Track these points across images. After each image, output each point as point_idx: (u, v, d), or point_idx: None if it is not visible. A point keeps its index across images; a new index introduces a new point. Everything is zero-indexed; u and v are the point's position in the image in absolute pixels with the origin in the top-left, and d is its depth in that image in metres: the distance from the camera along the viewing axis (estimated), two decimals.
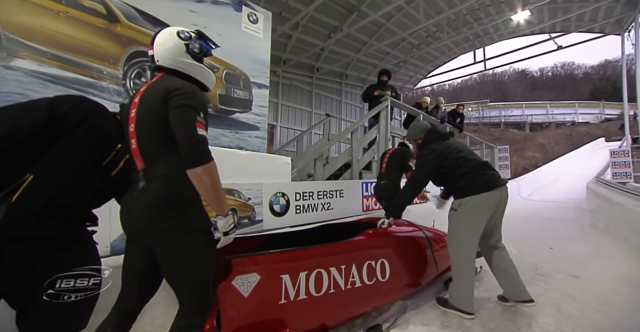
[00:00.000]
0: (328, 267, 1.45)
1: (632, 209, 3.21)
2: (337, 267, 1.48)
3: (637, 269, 2.44)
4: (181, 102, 0.92)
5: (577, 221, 4.59)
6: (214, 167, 0.92)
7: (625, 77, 8.81)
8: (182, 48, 1.03)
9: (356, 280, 1.54)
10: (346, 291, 1.48)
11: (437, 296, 1.95)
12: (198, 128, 0.91)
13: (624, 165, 7.76)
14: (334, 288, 1.44)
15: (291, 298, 1.30)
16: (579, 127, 21.64)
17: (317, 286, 1.38)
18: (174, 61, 1.03)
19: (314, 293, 1.37)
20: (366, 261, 1.62)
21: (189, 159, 0.89)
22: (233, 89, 2.80)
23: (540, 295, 1.99)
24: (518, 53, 9.47)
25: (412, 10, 7.31)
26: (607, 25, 8.36)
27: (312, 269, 1.39)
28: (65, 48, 1.96)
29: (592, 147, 15.23)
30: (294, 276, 1.33)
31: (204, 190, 0.92)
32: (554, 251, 3.07)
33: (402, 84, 11.82)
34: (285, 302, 1.28)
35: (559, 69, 41.09)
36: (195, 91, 0.98)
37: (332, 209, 3.14)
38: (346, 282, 1.49)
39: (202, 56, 1.09)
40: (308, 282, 1.36)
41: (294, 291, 1.31)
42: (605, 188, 5.13)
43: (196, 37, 1.08)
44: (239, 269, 1.18)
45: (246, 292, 1.18)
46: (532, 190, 8.02)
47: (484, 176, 1.76)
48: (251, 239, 1.79)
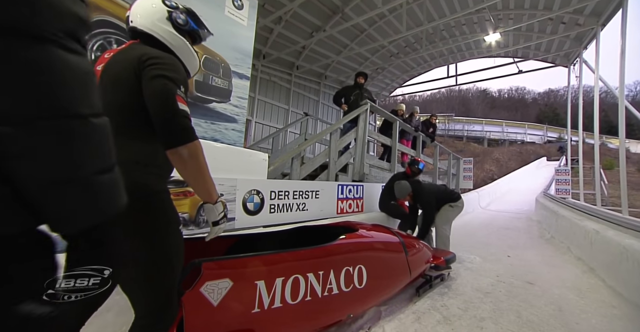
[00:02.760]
0: (305, 272, 1.35)
1: (576, 222, 3.55)
2: (315, 273, 1.39)
3: (580, 277, 2.69)
4: (159, 73, 0.77)
5: (528, 231, 5.00)
6: (200, 147, 0.80)
7: (569, 105, 9.92)
8: (163, 13, 0.87)
9: (333, 287, 1.46)
10: (323, 299, 1.40)
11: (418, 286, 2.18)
12: (179, 102, 0.77)
13: (564, 182, 8.71)
14: (310, 295, 1.34)
15: (265, 307, 1.19)
16: (527, 146, 24.06)
17: (293, 293, 1.28)
18: (152, 25, 0.86)
19: (290, 301, 1.27)
20: (344, 266, 1.54)
21: (170, 138, 0.76)
22: (212, 76, 2.58)
23: (502, 302, 2.10)
24: (485, 72, 10.22)
25: (394, 19, 7.52)
26: (558, 57, 9.36)
27: (289, 275, 1.28)
28: None
29: (537, 165, 16.98)
30: (269, 282, 1.21)
31: (189, 174, 0.80)
32: (511, 258, 3.29)
33: (379, 90, 12.13)
34: (258, 311, 1.16)
35: (514, 92, 45.59)
36: (176, 63, 0.83)
37: (307, 209, 3.05)
38: (323, 289, 1.41)
39: (186, 31, 0.93)
40: (284, 289, 1.25)
41: (269, 299, 1.20)
42: (551, 202, 5.68)
43: (184, 10, 0.93)
44: (209, 274, 1.04)
45: (216, 301, 1.05)
46: (490, 200, 8.66)
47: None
48: (222, 239, 1.61)
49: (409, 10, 6.99)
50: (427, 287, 2.22)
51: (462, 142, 25.78)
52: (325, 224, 2.21)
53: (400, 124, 5.35)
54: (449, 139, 25.17)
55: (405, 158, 5.98)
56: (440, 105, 37.01)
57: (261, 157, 2.78)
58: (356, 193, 3.80)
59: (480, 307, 2.00)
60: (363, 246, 1.78)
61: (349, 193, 3.69)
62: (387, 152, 5.57)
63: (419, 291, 2.13)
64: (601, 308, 2.05)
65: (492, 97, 44.19)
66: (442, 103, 38.88)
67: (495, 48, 8.92)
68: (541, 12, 6.85)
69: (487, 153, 21.75)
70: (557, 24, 7.43)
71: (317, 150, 8.05)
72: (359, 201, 3.82)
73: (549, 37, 7.85)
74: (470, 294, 2.24)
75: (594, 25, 6.83)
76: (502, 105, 41.43)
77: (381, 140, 5.30)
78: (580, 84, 8.74)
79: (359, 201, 3.83)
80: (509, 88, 46.07)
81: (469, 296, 2.19)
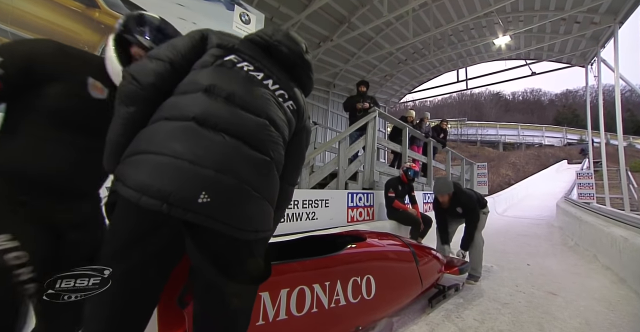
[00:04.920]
0: (311, 283, 1.32)
1: (602, 228, 3.36)
2: (321, 284, 1.35)
3: (609, 288, 2.52)
4: None
5: (549, 238, 4.77)
6: None
7: (588, 106, 9.54)
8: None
9: (340, 298, 1.41)
10: (329, 310, 1.36)
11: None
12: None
13: (588, 186, 8.30)
14: (317, 307, 1.31)
15: (270, 319, 1.16)
16: (545, 149, 23.17)
17: (299, 305, 1.25)
18: None
19: (295, 313, 1.23)
20: (352, 277, 1.50)
21: None
22: None
23: (522, 313, 2.00)
24: (496, 76, 10.03)
25: (400, 27, 7.56)
26: (574, 57, 9.08)
27: (294, 286, 1.25)
28: (31, 29, 1.75)
29: (557, 168, 16.31)
30: (274, 294, 1.18)
31: None
32: (531, 267, 3.13)
33: (388, 97, 12.11)
34: (263, 323, 1.13)
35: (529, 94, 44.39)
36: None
37: (316, 219, 3.03)
38: (330, 301, 1.37)
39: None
40: (289, 301, 1.22)
41: (274, 311, 1.17)
42: (574, 207, 5.41)
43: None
44: None
45: None
46: (506, 206, 8.35)
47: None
48: None
49: (416, 17, 7.02)
50: (441, 298, 2.14)
51: (476, 146, 25.15)
52: (333, 234, 2.17)
53: (410, 131, 5.30)
54: (462, 144, 24.63)
55: (417, 164, 5.89)
56: (452, 110, 36.48)
57: None
58: (367, 201, 3.75)
59: (498, 319, 1.90)
60: (371, 256, 1.74)
61: (359, 201, 3.65)
62: (398, 159, 5.50)
63: (432, 301, 2.06)
64: (633, 322, 1.91)
65: (505, 100, 43.20)
66: (454, 108, 38.32)
67: (505, 51, 8.78)
68: (553, 13, 6.71)
69: (502, 157, 21.10)
70: (571, 23, 7.25)
71: (327, 159, 8.06)
72: (369, 209, 3.77)
73: (563, 37, 7.65)
74: (487, 304, 2.14)
75: (611, 23, 6.62)
76: (516, 108, 40.41)
77: (391, 147, 5.25)
78: (600, 84, 8.39)
79: (370, 209, 3.78)
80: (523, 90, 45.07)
81: (485, 307, 2.09)
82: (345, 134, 4.11)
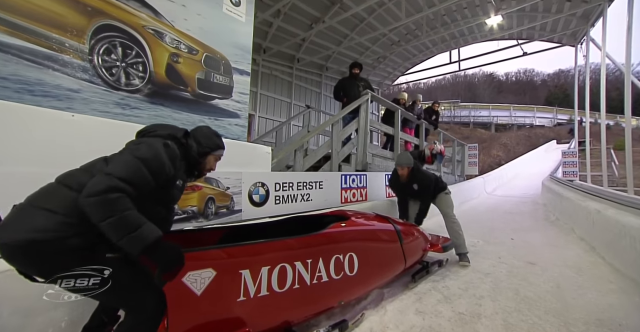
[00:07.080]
0: (293, 261, 1.37)
1: (579, 203, 3.57)
2: (303, 262, 1.40)
3: (581, 256, 2.75)
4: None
5: (533, 215, 5.02)
6: None
7: (576, 86, 9.65)
8: None
9: (323, 274, 1.47)
10: (312, 286, 1.42)
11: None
12: None
13: (572, 164, 8.60)
14: (298, 283, 1.37)
15: (251, 295, 1.21)
16: (536, 130, 23.54)
17: (280, 282, 1.30)
18: None
19: (277, 289, 1.29)
20: (334, 254, 1.55)
21: None
22: (213, 73, 2.65)
23: (502, 281, 2.19)
24: (489, 56, 9.99)
25: (393, 7, 7.39)
26: (564, 36, 9.06)
27: (275, 264, 1.31)
28: (15, 11, 1.71)
29: (546, 149, 16.67)
30: (254, 271, 1.24)
31: None
32: (514, 241, 3.34)
33: (381, 80, 12.00)
34: (244, 299, 1.19)
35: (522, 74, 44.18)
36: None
37: (311, 200, 3.15)
38: (312, 277, 1.42)
39: None
40: (270, 278, 1.28)
41: (255, 287, 1.23)
42: (557, 184, 5.66)
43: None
44: (191, 264, 1.07)
45: (199, 290, 1.09)
46: (496, 186, 8.63)
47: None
48: (213, 230, 1.63)
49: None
50: (424, 273, 2.25)
51: (469, 128, 25.37)
52: (318, 214, 2.22)
53: (402, 113, 5.36)
54: (455, 126, 24.78)
55: (409, 146, 6.00)
56: (446, 92, 36.28)
57: (265, 151, 2.87)
58: (360, 182, 3.88)
59: (480, 287, 2.08)
60: (354, 234, 1.79)
61: (352, 183, 3.77)
62: (390, 141, 5.60)
63: (415, 277, 2.17)
64: (598, 284, 2.12)
65: (499, 81, 42.97)
66: (448, 90, 38.07)
67: (497, 31, 8.69)
68: None
69: (494, 138, 21.41)
70: (563, 2, 7.18)
71: (320, 142, 8.10)
72: (362, 190, 3.90)
73: (555, 16, 7.60)
74: (471, 275, 2.32)
75: (600, 2, 6.60)
76: (509, 89, 40.34)
77: (383, 129, 5.32)
78: (587, 63, 8.47)
79: (363, 190, 3.91)
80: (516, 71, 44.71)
81: (469, 277, 2.27)
82: (338, 117, 4.15)
